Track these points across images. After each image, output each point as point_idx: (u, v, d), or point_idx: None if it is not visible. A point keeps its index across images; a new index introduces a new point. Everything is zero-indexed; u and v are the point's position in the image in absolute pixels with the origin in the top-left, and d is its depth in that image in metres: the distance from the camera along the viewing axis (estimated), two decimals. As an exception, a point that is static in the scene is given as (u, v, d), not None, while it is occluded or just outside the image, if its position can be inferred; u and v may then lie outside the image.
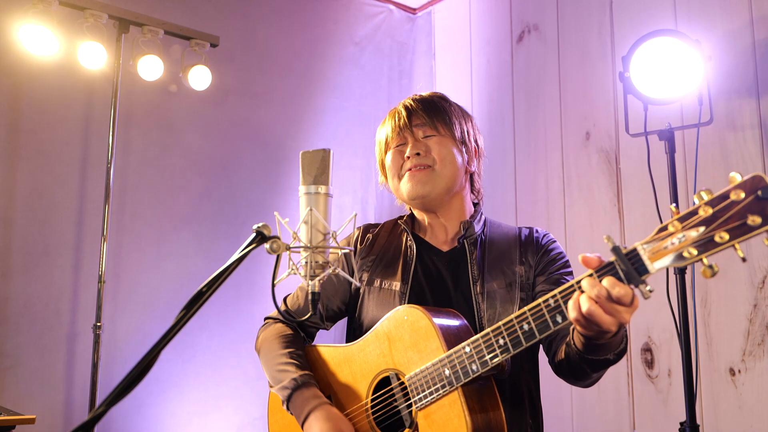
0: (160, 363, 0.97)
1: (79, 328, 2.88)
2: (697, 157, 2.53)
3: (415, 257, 1.63)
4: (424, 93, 1.75)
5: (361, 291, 1.66)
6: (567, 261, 1.63)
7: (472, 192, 1.73)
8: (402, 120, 1.65)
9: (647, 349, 2.76)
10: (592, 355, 1.32)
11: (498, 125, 3.54)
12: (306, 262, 1.14)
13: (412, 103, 1.69)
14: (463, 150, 1.66)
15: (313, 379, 1.59)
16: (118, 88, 2.94)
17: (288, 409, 1.56)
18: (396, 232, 1.71)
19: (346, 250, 1.18)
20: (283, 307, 1.79)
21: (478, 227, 1.65)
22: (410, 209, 1.75)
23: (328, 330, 1.80)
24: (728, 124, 2.59)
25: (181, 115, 3.27)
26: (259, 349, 1.74)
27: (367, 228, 1.77)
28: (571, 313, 1.17)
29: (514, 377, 1.53)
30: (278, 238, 1.09)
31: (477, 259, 1.59)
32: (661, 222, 2.47)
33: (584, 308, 1.14)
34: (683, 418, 2.30)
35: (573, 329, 1.33)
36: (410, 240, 1.66)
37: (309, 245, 1.13)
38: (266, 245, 1.07)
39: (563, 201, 3.16)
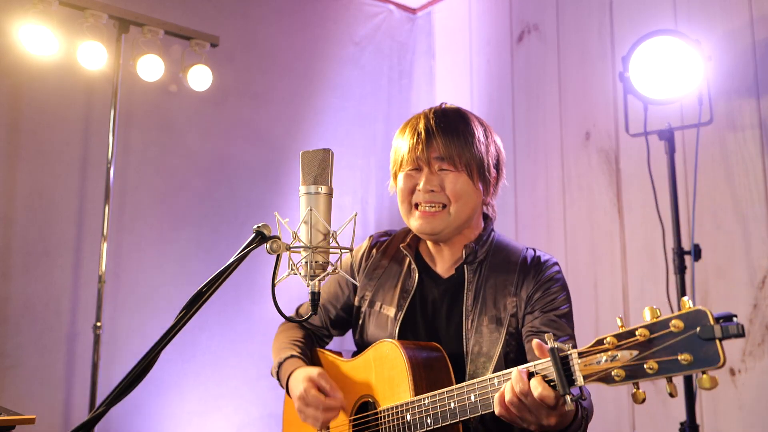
0: (160, 363, 0.98)
1: (79, 328, 2.88)
2: (697, 157, 2.53)
3: (415, 285, 1.63)
4: (450, 109, 1.63)
5: (363, 310, 1.69)
6: (566, 297, 1.56)
7: (484, 212, 1.68)
8: (420, 147, 1.54)
9: (647, 349, 2.76)
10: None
11: (498, 125, 3.54)
12: (306, 262, 1.14)
13: (434, 126, 1.56)
14: (481, 184, 1.57)
15: (302, 356, 1.67)
16: (118, 88, 2.94)
17: (281, 384, 1.65)
18: (401, 254, 1.69)
19: (347, 250, 1.18)
20: (295, 316, 1.85)
21: (481, 252, 1.60)
22: None
23: (341, 336, 1.84)
24: (728, 124, 2.59)
25: (181, 115, 3.27)
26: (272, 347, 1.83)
27: (375, 242, 1.76)
28: (496, 408, 1.21)
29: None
30: (278, 238, 1.09)
31: (473, 289, 1.56)
32: (661, 221, 2.48)
33: (506, 398, 1.17)
34: (683, 418, 2.30)
35: None
36: (414, 266, 1.65)
37: (309, 245, 1.13)
38: (266, 245, 1.07)
39: (563, 201, 3.16)
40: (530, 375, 1.16)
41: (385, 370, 1.51)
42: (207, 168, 3.32)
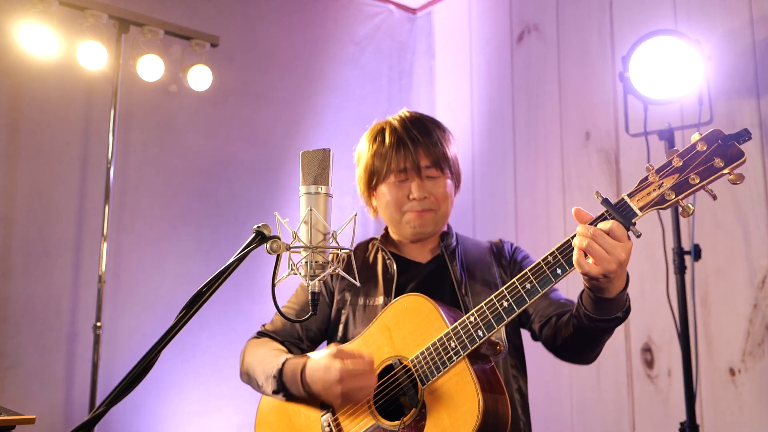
0: (160, 363, 0.97)
1: (79, 328, 2.87)
2: (697, 157, 2.53)
3: (396, 272, 1.67)
4: (417, 115, 1.74)
5: (345, 312, 1.68)
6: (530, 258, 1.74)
7: None
8: (410, 157, 1.65)
9: (647, 349, 2.76)
10: (603, 315, 1.35)
11: (498, 125, 3.54)
12: (306, 262, 1.14)
13: (417, 135, 1.67)
14: (455, 184, 1.74)
15: (298, 358, 1.57)
16: (118, 88, 2.94)
17: (287, 393, 1.53)
18: (371, 252, 1.76)
19: (347, 250, 1.18)
20: (261, 330, 1.83)
21: (453, 240, 1.73)
22: (386, 229, 1.80)
23: (311, 351, 1.78)
24: (728, 124, 2.59)
25: (181, 115, 3.27)
26: (241, 363, 1.73)
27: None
28: (574, 257, 1.25)
29: (505, 377, 1.57)
30: (278, 238, 1.08)
31: (458, 263, 1.66)
32: (661, 221, 2.48)
33: (582, 244, 1.22)
34: (683, 418, 2.30)
35: (580, 298, 1.38)
36: (388, 258, 1.71)
37: (309, 245, 1.13)
38: (266, 245, 1.07)
39: (563, 201, 3.16)
40: None
41: (407, 321, 1.48)
42: (207, 168, 3.32)
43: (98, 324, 2.75)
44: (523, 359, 1.69)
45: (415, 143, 1.66)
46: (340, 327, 1.67)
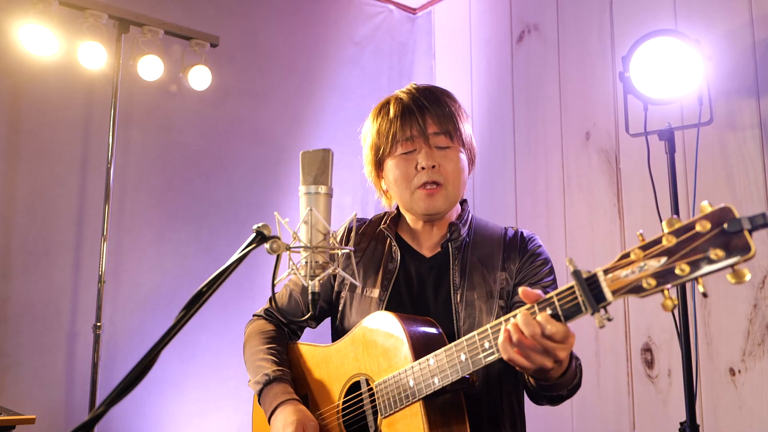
0: (160, 363, 0.97)
1: (79, 328, 2.88)
2: (697, 157, 2.53)
3: (398, 265, 1.59)
4: (430, 87, 1.63)
5: (343, 296, 1.63)
6: (550, 269, 1.58)
7: None
8: (416, 125, 1.52)
9: (647, 349, 2.76)
10: (544, 392, 1.33)
11: (498, 125, 3.54)
12: (306, 262, 1.14)
13: (424, 101, 1.55)
14: (468, 159, 1.60)
15: (287, 376, 1.58)
16: (118, 88, 2.94)
17: (260, 403, 1.56)
18: (381, 235, 1.67)
19: (347, 250, 1.18)
20: (267, 306, 1.79)
21: (464, 230, 1.60)
22: (398, 208, 1.70)
23: (313, 328, 1.77)
24: (728, 124, 2.59)
25: (181, 115, 3.27)
26: (243, 346, 1.74)
27: (352, 227, 1.69)
28: (504, 353, 1.16)
29: (492, 389, 1.50)
30: (278, 238, 1.08)
31: (459, 265, 1.55)
32: (660, 220, 2.48)
33: (513, 338, 1.13)
34: (683, 418, 2.30)
35: None
36: (395, 246, 1.62)
37: (309, 245, 1.13)
38: (266, 245, 1.07)
39: (563, 201, 3.16)
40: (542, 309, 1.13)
41: (378, 342, 1.43)
42: (207, 168, 3.32)
43: (98, 324, 2.75)
44: (518, 374, 1.57)
45: (422, 109, 1.53)
46: (339, 312, 1.64)
